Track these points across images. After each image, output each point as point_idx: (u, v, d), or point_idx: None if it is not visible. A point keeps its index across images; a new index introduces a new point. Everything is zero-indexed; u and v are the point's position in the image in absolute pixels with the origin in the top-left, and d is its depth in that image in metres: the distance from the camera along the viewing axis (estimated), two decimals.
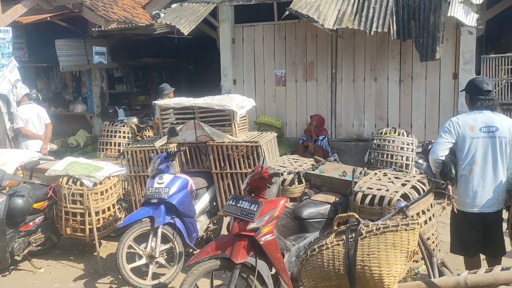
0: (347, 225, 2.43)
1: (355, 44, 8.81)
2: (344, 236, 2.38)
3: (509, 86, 8.04)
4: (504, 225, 3.98)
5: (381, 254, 2.23)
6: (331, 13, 7.64)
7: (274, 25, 9.38)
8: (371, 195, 3.85)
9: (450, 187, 3.80)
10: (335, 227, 2.49)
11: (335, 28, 7.65)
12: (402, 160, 7.23)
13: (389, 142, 7.31)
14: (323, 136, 8.63)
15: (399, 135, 7.38)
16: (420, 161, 7.60)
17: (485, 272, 2.17)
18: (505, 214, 3.93)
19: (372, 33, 7.53)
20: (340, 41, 8.78)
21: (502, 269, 2.16)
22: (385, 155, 7.30)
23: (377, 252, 2.24)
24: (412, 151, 7.34)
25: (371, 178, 4.14)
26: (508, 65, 8.28)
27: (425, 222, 3.86)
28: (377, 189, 3.91)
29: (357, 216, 2.45)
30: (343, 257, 2.30)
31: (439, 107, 8.38)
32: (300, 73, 9.31)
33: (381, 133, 7.52)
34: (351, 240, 2.35)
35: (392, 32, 7.54)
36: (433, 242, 3.93)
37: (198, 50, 13.82)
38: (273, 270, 3.60)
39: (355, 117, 9.03)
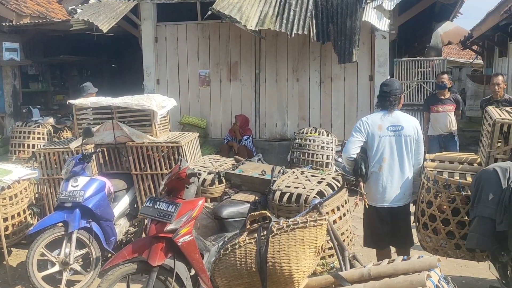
0: (259, 223, 2.46)
1: (277, 46, 8.98)
2: (256, 234, 2.41)
3: (419, 88, 8.59)
4: (412, 218, 4.24)
5: (291, 250, 2.29)
6: (253, 14, 7.73)
7: (197, 25, 9.32)
8: (289, 193, 3.94)
9: (361, 183, 4.01)
10: (248, 226, 2.52)
11: (257, 29, 7.74)
12: (322, 158, 7.49)
13: (310, 141, 7.53)
14: (248, 136, 8.71)
15: (319, 134, 7.63)
16: (340, 159, 7.89)
17: (388, 263, 2.29)
18: (412, 208, 4.19)
19: (293, 35, 7.71)
20: (263, 42, 8.91)
21: (403, 260, 2.29)
22: (306, 154, 7.51)
23: (287, 249, 2.29)
24: (332, 150, 7.62)
25: (289, 177, 4.23)
26: (419, 68, 8.85)
27: (340, 218, 4.01)
28: (295, 187, 4.00)
29: (268, 214, 2.50)
30: (255, 255, 2.33)
31: (357, 107, 8.76)
32: (224, 73, 9.33)
33: (302, 132, 7.73)
34: (263, 238, 2.39)
35: (312, 35, 7.77)
36: (347, 237, 4.09)
37: (120, 49, 13.40)
38: (193, 271, 3.57)
39: (278, 117, 9.20)
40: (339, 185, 4.07)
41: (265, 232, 2.39)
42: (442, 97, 7.25)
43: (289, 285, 2.27)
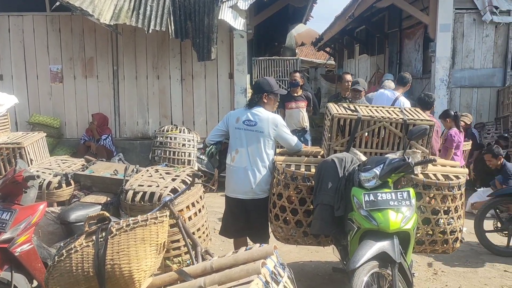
0: (98, 224, 2.35)
1: (136, 41, 8.70)
2: (94, 237, 2.29)
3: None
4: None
5: (131, 251, 2.22)
6: (107, 8, 7.38)
7: (46, 16, 8.61)
8: (142, 192, 3.84)
9: (216, 170, 4.15)
10: (87, 228, 2.39)
11: (112, 24, 7.41)
12: (184, 156, 7.46)
13: (171, 139, 7.45)
14: (106, 136, 8.31)
15: (180, 132, 7.59)
16: (202, 156, 7.94)
17: (232, 254, 2.35)
18: None
19: (150, 31, 7.55)
20: (120, 37, 8.56)
21: (246, 250, 2.36)
22: (168, 152, 7.42)
23: (126, 249, 2.22)
24: (193, 147, 7.63)
25: (142, 176, 4.12)
26: (275, 67, 9.29)
27: (195, 213, 4.02)
28: (148, 186, 3.91)
29: (107, 214, 2.39)
30: (92, 258, 2.22)
31: (218, 104, 8.89)
32: (78, 69, 8.78)
33: (163, 130, 7.62)
34: (101, 239, 2.28)
35: (170, 32, 7.69)
36: (203, 233, 4.12)
37: None
38: (35, 283, 3.28)
39: (139, 115, 8.94)
40: (197, 180, 4.07)
41: (103, 234, 2.29)
42: (295, 94, 7.71)
43: (130, 286, 2.20)
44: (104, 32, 8.49)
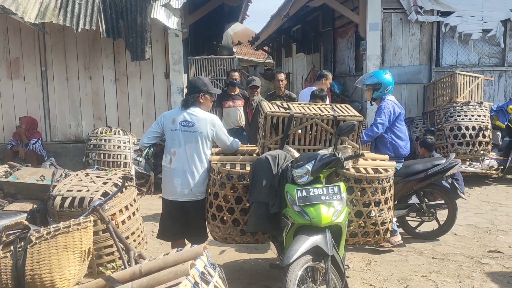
0: (16, 233, 2.23)
1: (65, 41, 8.37)
2: (12, 247, 2.17)
3: (213, 85, 8.95)
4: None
5: (52, 259, 2.12)
6: (32, 6, 7.04)
7: None
8: (71, 198, 3.68)
9: (152, 173, 4.10)
10: (4, 238, 2.26)
11: (38, 22, 7.07)
12: (120, 158, 7.23)
13: (105, 141, 7.19)
14: (36, 140, 7.94)
15: (115, 134, 7.35)
16: (139, 158, 7.76)
17: (163, 256, 2.31)
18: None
19: (79, 30, 7.28)
20: (48, 37, 8.19)
21: (177, 251, 2.33)
22: (102, 155, 7.15)
23: (48, 258, 2.12)
24: (130, 149, 7.42)
25: (71, 180, 3.95)
26: (212, 66, 9.24)
27: (129, 217, 3.91)
28: (78, 191, 3.76)
29: (26, 222, 2.28)
30: (11, 269, 2.10)
31: (154, 105, 8.73)
32: (3, 71, 8.32)
33: (97, 132, 7.34)
34: (20, 249, 2.17)
35: (101, 30, 7.45)
36: (138, 236, 4.02)
37: None
38: None
39: (71, 117, 8.61)
40: (127, 183, 3.97)
41: (22, 243, 2.17)
42: (233, 93, 7.70)
43: None
44: (30, 31, 8.09)
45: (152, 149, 4.17)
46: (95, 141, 7.25)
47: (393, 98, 5.37)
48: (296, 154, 4.00)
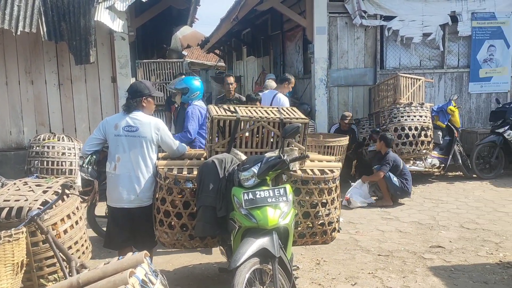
0: None
1: (4, 44, 8.00)
2: None
3: (162, 89, 8.85)
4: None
5: None
6: None
7: None
8: (8, 208, 3.51)
9: (96, 182, 4.00)
10: None
11: None
12: (65, 165, 6.99)
13: (49, 148, 6.94)
14: None
15: (59, 140, 7.10)
16: (86, 165, 7.52)
17: (103, 265, 2.24)
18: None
19: (19, 33, 6.99)
20: None
21: (118, 260, 2.26)
22: (45, 162, 6.89)
23: None
24: (75, 155, 7.18)
25: (9, 189, 3.78)
26: (160, 69, 9.12)
27: (72, 226, 3.78)
28: (15, 200, 3.59)
29: None
30: None
31: (101, 109, 8.49)
32: None
33: (40, 139, 7.06)
34: None
35: (42, 33, 7.18)
36: (82, 245, 3.89)
37: None
38: None
39: (12, 123, 8.24)
40: (67, 191, 3.83)
41: None
42: None
43: None
44: None
45: (94, 157, 4.07)
46: (37, 148, 6.97)
47: (200, 103, 5.56)
48: (244, 157, 4.01)
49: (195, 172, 3.98)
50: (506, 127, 8.27)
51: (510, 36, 9.38)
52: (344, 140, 7.39)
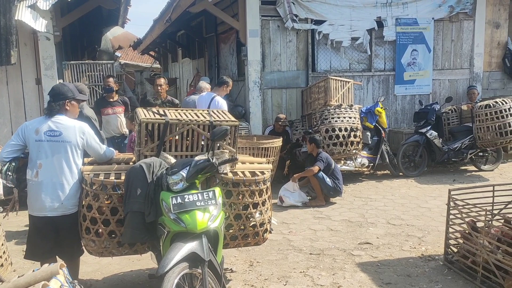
0: None
1: None
2: None
3: (91, 91, 8.55)
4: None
5: None
6: None
7: None
8: None
9: (15, 190, 3.80)
10: None
11: None
12: None
13: None
14: None
15: None
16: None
17: (17, 278, 2.12)
18: None
19: None
20: None
21: (33, 272, 2.16)
22: None
23: None
24: None
25: None
26: (89, 71, 8.81)
27: None
28: None
29: None
30: None
31: (25, 112, 8.07)
32: None
33: None
34: None
35: None
36: (0, 257, 3.69)
37: None
38: None
39: None
40: None
41: None
42: (111, 100, 7.44)
43: None
44: None
45: (13, 164, 3.85)
46: None
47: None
48: (173, 161, 3.96)
49: (123, 177, 3.88)
50: (428, 127, 8.75)
51: (431, 41, 9.96)
52: (278, 142, 7.50)
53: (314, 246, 5.40)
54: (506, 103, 8.30)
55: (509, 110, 8.23)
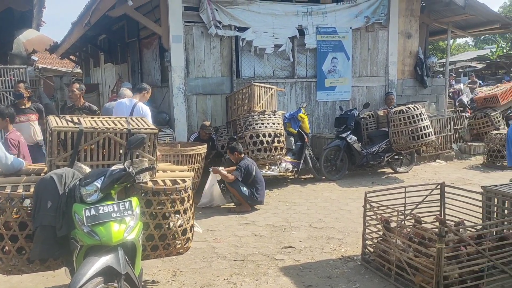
0: None
1: None
2: None
3: (2, 97, 8.00)
4: None
5: None
6: None
7: None
8: None
9: None
10: None
11: None
12: None
13: None
14: None
15: None
16: None
17: None
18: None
19: None
20: None
21: None
22: None
23: None
24: None
25: None
26: (2, 76, 8.24)
27: None
28: None
29: None
30: None
31: None
32: None
33: None
34: None
35: None
36: None
37: None
38: None
39: None
40: None
41: None
42: (23, 107, 7.02)
43: None
44: None
45: None
46: None
47: None
48: (88, 171, 3.79)
49: (33, 189, 3.65)
50: (348, 132, 9.11)
51: (350, 49, 10.39)
52: (202, 148, 7.44)
53: (238, 252, 5.40)
54: (417, 108, 8.86)
55: (421, 115, 8.80)
